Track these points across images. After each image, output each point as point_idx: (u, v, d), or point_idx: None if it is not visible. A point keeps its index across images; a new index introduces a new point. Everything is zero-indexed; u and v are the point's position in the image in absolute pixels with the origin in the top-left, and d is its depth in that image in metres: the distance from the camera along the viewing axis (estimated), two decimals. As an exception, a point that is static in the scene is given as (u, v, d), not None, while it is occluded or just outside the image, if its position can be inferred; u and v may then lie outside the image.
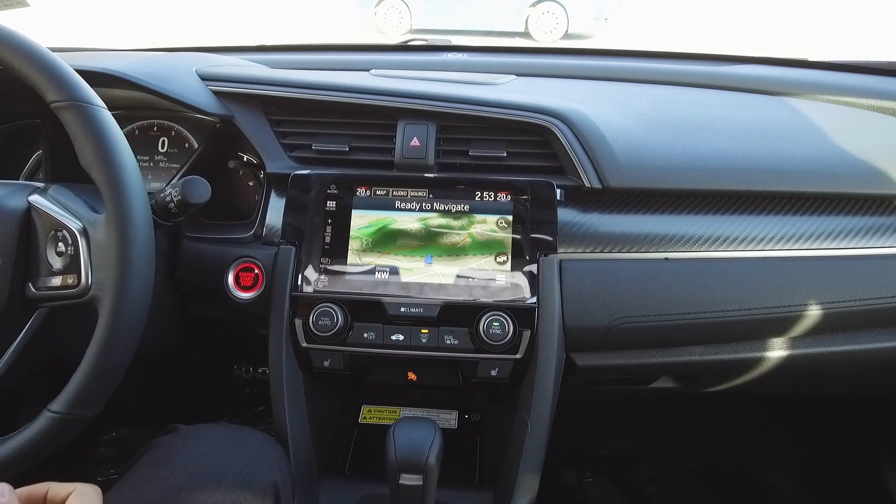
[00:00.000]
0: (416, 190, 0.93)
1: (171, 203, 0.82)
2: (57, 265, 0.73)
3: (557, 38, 8.80)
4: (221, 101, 1.01)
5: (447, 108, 0.97)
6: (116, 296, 0.68)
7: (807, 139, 1.02)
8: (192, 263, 0.97)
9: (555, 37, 8.80)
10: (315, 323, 0.87)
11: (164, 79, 0.95)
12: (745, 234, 0.92)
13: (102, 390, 0.69)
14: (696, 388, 1.04)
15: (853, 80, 1.25)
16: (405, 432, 0.76)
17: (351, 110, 1.00)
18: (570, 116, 0.94)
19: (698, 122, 1.05)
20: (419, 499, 0.75)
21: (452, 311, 0.88)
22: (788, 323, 0.91)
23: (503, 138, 0.98)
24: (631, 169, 0.92)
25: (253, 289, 0.94)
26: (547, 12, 8.76)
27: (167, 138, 1.14)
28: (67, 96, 0.69)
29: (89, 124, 0.69)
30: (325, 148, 0.98)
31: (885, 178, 0.93)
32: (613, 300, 0.89)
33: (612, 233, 0.93)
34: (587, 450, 1.58)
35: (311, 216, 0.92)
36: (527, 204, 0.91)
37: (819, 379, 1.05)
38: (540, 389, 0.88)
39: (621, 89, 1.22)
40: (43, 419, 0.69)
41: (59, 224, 0.72)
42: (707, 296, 0.90)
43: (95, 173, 0.69)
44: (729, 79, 1.26)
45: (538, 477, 0.86)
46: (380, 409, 1.08)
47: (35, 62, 0.69)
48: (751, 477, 1.51)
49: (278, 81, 1.02)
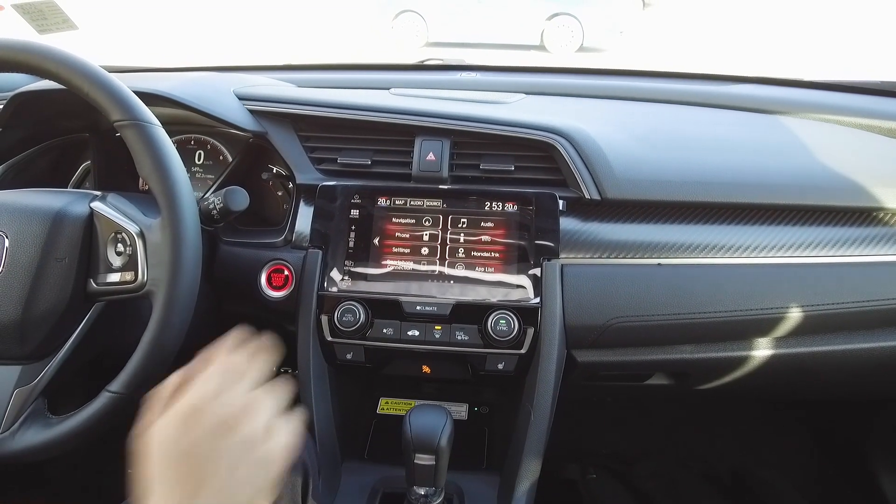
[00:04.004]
0: (431, 200, 1.00)
1: (214, 210, 0.91)
2: (116, 263, 0.82)
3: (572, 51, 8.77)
4: (256, 118, 1.10)
5: (460, 125, 1.05)
6: (169, 290, 0.77)
7: (793, 155, 1.08)
8: (228, 265, 1.05)
9: (570, 50, 8.77)
10: (339, 319, 0.94)
11: (208, 99, 1.05)
12: (732, 242, 0.98)
13: (154, 374, 0.77)
14: (688, 386, 1.10)
15: (843, 99, 1.32)
16: (420, 417, 0.83)
17: (373, 127, 1.08)
18: (573, 134, 1.02)
19: (692, 139, 1.12)
20: (432, 477, 0.82)
21: (463, 310, 0.95)
22: (771, 324, 0.97)
23: (511, 153, 1.04)
24: (627, 182, 0.99)
25: (283, 288, 1.02)
26: (562, 26, 8.76)
27: (203, 151, 1.21)
28: (130, 116, 0.78)
29: (148, 141, 0.78)
30: (349, 161, 1.06)
31: (864, 192, 0.99)
32: (610, 301, 0.96)
33: (610, 240, 0.99)
34: (591, 447, 1.64)
35: (336, 223, 1.00)
36: (532, 213, 0.98)
37: (803, 378, 1.11)
38: (542, 382, 0.94)
39: (622, 107, 1.29)
40: (102, 398, 0.77)
41: (119, 227, 0.81)
42: (696, 298, 0.96)
43: (153, 183, 0.77)
44: (725, 98, 1.32)
45: (540, 461, 0.93)
46: (396, 401, 1.17)
47: (101, 86, 0.78)
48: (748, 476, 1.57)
49: (307, 101, 1.10)
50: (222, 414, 0.60)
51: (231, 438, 0.59)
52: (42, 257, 0.79)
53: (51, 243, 0.80)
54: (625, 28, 8.87)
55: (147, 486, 0.57)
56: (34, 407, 0.80)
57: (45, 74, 0.79)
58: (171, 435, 0.59)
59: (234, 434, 0.59)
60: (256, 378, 0.64)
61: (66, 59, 0.78)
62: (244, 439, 0.60)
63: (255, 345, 0.68)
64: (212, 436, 0.58)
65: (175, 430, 0.59)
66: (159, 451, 0.58)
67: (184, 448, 0.58)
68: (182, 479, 0.56)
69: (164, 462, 0.58)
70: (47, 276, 0.79)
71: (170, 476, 0.57)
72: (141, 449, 0.59)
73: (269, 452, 0.61)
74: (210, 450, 0.58)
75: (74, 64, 0.78)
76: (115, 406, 0.77)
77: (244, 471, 0.59)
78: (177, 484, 0.56)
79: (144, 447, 0.59)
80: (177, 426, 0.59)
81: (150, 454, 0.58)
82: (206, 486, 0.56)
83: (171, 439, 0.58)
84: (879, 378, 1.13)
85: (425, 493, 0.85)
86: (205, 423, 0.59)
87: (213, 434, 0.59)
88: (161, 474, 0.57)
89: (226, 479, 0.58)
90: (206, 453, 0.58)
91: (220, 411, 0.60)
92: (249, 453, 0.60)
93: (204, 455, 0.58)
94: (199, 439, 0.58)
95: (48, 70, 0.78)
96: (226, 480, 0.58)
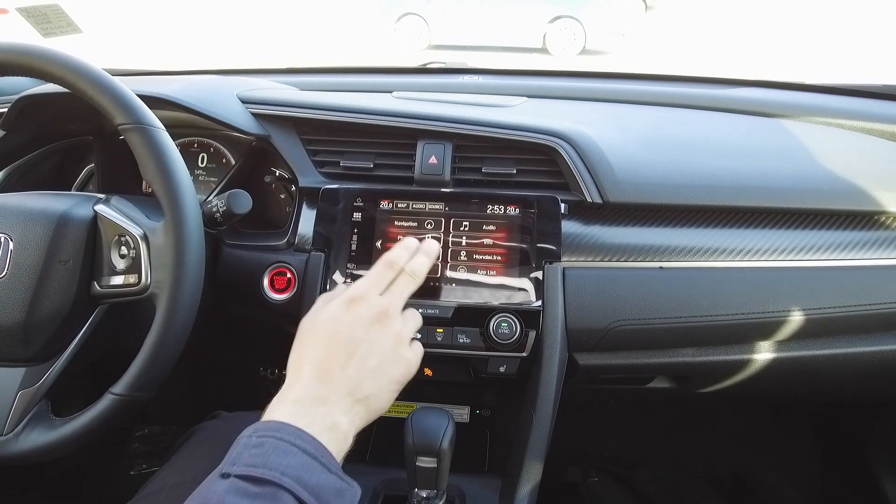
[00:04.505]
0: (433, 203, 1.00)
1: (217, 213, 0.92)
2: (120, 266, 0.82)
3: (574, 54, 8.80)
4: (259, 121, 1.10)
5: (462, 129, 1.05)
6: (172, 293, 0.77)
7: (794, 159, 1.09)
8: (231, 267, 1.05)
9: (572, 53, 8.80)
10: None
11: (211, 103, 1.05)
12: (733, 245, 0.98)
13: (158, 376, 0.78)
14: (690, 389, 1.11)
15: (845, 103, 1.32)
16: (422, 419, 0.83)
17: (375, 131, 1.08)
18: (575, 137, 1.02)
19: (694, 143, 1.12)
20: (433, 480, 0.82)
21: (465, 313, 0.95)
22: (772, 327, 0.97)
23: (513, 157, 1.04)
24: (629, 185, 0.99)
25: (286, 291, 1.02)
26: (564, 29, 8.79)
27: (206, 154, 1.22)
28: (134, 120, 0.78)
29: (152, 144, 0.78)
30: (352, 164, 1.06)
31: (865, 196, 0.99)
32: (612, 304, 0.96)
33: (612, 243, 0.99)
34: (593, 451, 1.64)
35: (338, 226, 1.00)
36: (534, 216, 0.98)
37: (804, 381, 1.11)
38: (544, 385, 0.94)
39: (624, 111, 1.30)
40: (105, 400, 0.77)
41: (123, 230, 0.81)
42: (697, 301, 0.96)
43: (157, 186, 0.78)
44: (727, 101, 1.33)
45: (542, 464, 0.93)
46: (398, 404, 1.16)
47: (106, 90, 0.78)
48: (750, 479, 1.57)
49: (310, 104, 1.10)
50: (380, 305, 0.70)
51: (383, 330, 0.69)
52: (46, 260, 0.80)
53: (55, 246, 0.80)
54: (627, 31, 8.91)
55: (302, 358, 0.67)
56: (38, 409, 0.80)
57: (50, 78, 0.79)
58: (334, 314, 0.69)
59: (386, 327, 0.70)
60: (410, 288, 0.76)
61: (71, 62, 0.79)
62: (392, 334, 0.70)
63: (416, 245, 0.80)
64: (368, 322, 0.69)
65: (338, 310, 0.70)
66: (322, 327, 0.69)
67: (343, 326, 0.68)
68: (335, 352, 0.66)
69: (324, 337, 0.68)
70: (51, 278, 0.80)
71: (324, 349, 0.67)
72: (304, 328, 0.71)
73: (407, 355, 0.72)
74: (365, 332, 0.68)
75: (79, 67, 0.79)
76: (118, 408, 0.77)
77: (386, 360, 0.69)
78: (331, 355, 0.66)
79: (308, 326, 0.70)
80: (340, 308, 0.70)
81: (313, 330, 0.69)
82: (352, 363, 0.66)
83: (334, 318, 0.69)
84: (881, 381, 1.13)
85: (427, 495, 0.85)
86: (364, 310, 0.69)
87: (370, 320, 0.69)
88: (318, 346, 0.67)
89: (369, 361, 0.67)
90: (360, 335, 0.68)
91: (378, 302, 0.71)
92: (393, 348, 0.70)
93: (359, 336, 0.68)
94: (357, 321, 0.68)
95: (53, 74, 0.79)
96: (369, 361, 0.67)
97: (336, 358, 0.66)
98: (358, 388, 0.66)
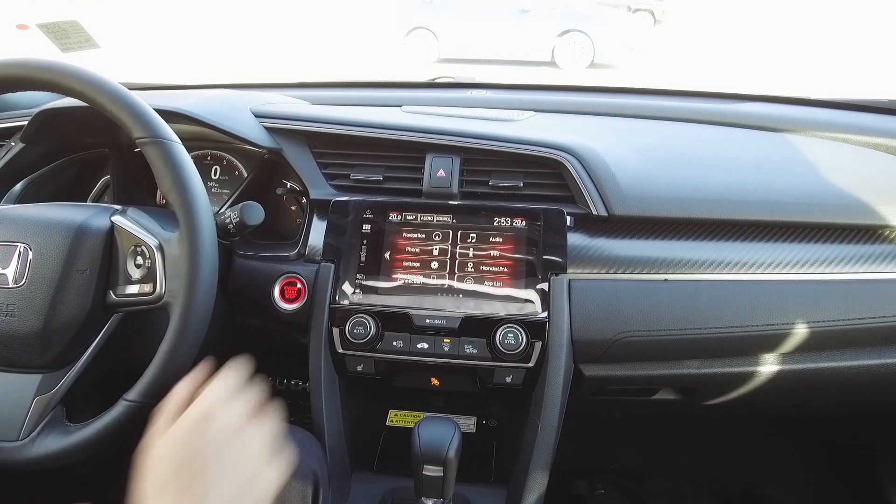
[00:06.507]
0: (441, 215, 1.02)
1: (230, 224, 0.94)
2: (135, 275, 0.84)
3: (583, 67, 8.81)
4: (271, 135, 1.12)
5: (470, 143, 1.07)
6: (186, 302, 0.78)
7: (799, 173, 1.09)
8: (243, 278, 1.07)
9: (581, 66, 8.81)
10: (350, 331, 0.96)
11: (225, 117, 1.07)
12: (738, 258, 0.99)
13: (171, 383, 0.78)
14: (696, 400, 1.11)
15: (850, 117, 1.32)
16: (429, 429, 0.84)
17: (385, 144, 1.10)
18: (581, 151, 1.03)
19: (698, 157, 1.13)
20: (440, 488, 0.83)
21: (472, 323, 0.96)
22: (777, 340, 0.98)
23: (520, 170, 1.06)
24: (634, 199, 1.00)
25: (296, 301, 1.04)
26: (573, 43, 8.81)
27: (219, 166, 1.24)
28: (151, 133, 0.80)
29: (169, 158, 0.80)
30: (362, 177, 1.08)
31: (869, 210, 1.00)
32: (617, 316, 0.97)
33: (617, 256, 1.00)
34: (600, 464, 1.64)
35: (348, 237, 1.02)
36: (540, 229, 0.99)
37: (810, 393, 1.11)
38: (550, 395, 0.95)
39: (630, 125, 1.31)
40: (119, 407, 0.78)
41: (139, 241, 0.83)
42: (702, 314, 0.97)
43: (172, 199, 0.80)
44: (733, 116, 1.34)
45: (547, 474, 0.94)
46: (405, 414, 1.18)
47: (124, 104, 0.80)
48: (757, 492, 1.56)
49: (321, 118, 1.13)
50: (230, 420, 0.62)
51: (237, 445, 0.61)
52: (64, 269, 0.81)
53: (73, 256, 0.82)
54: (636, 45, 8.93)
55: (152, 495, 0.57)
56: (53, 415, 0.81)
57: (70, 93, 0.82)
58: (180, 441, 0.60)
59: (240, 441, 0.61)
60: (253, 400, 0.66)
61: (90, 77, 0.81)
62: (248, 447, 0.62)
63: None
64: (219, 441, 0.60)
65: (183, 436, 0.60)
66: (167, 458, 0.59)
67: (192, 453, 0.59)
68: (188, 485, 0.57)
69: (172, 469, 0.58)
70: (69, 287, 0.81)
71: (176, 483, 0.57)
72: (148, 460, 0.59)
73: (268, 466, 0.63)
74: (217, 454, 0.59)
75: (97, 82, 0.81)
76: (131, 414, 0.79)
77: (248, 478, 0.60)
78: (185, 490, 0.56)
79: (151, 458, 0.59)
80: (185, 432, 0.60)
81: (158, 463, 0.59)
82: (213, 492, 0.57)
83: (179, 445, 0.59)
84: (887, 395, 1.13)
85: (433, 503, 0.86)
86: (213, 429, 0.60)
87: (221, 439, 0.60)
88: (168, 481, 0.57)
89: (231, 485, 0.58)
90: (213, 458, 0.59)
91: (228, 417, 0.62)
92: (253, 462, 0.61)
93: (212, 460, 0.59)
94: (207, 444, 0.59)
95: (72, 88, 0.81)
96: (231, 486, 0.58)
97: (193, 495, 0.56)
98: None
